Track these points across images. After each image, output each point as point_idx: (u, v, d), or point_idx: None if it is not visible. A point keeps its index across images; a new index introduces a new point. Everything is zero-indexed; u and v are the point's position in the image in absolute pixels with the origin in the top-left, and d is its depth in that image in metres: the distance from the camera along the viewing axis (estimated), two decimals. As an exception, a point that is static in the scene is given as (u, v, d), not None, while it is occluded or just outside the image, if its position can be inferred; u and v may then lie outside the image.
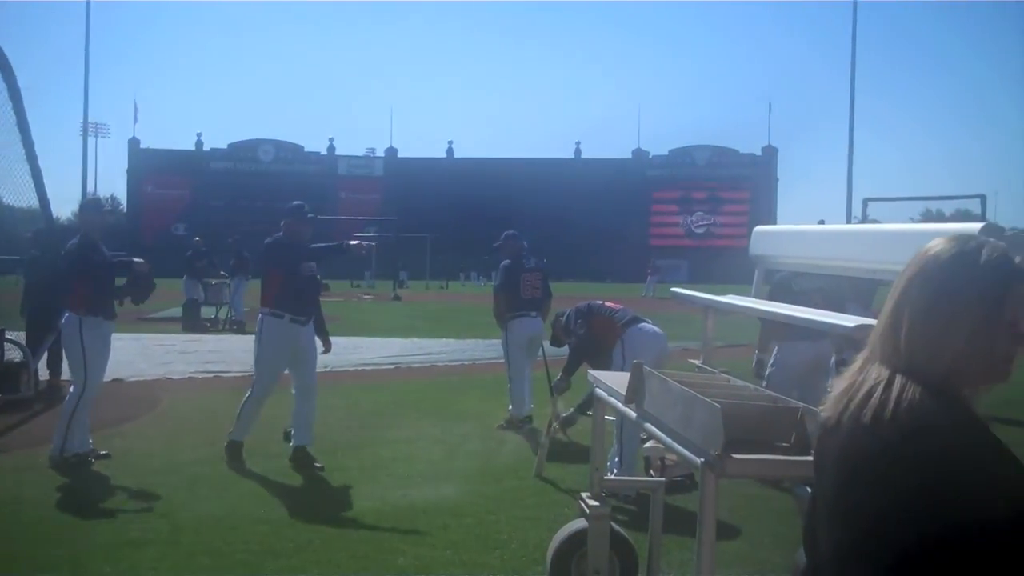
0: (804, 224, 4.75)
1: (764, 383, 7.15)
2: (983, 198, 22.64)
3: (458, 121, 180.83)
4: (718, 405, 2.89)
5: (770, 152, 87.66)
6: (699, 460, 2.99)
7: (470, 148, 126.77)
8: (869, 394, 1.77)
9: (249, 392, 8.41)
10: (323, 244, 8.84)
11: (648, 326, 7.81)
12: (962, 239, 1.85)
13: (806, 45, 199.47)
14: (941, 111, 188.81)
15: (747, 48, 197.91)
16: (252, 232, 51.58)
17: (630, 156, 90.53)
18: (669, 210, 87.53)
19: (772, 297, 6.47)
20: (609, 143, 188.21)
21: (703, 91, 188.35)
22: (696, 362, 4.87)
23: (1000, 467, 1.67)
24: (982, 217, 25.24)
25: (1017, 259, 1.83)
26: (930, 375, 1.75)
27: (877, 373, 1.80)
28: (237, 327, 21.89)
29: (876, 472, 1.72)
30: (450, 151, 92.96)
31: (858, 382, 1.83)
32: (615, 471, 7.28)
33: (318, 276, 8.75)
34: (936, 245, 1.85)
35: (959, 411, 1.72)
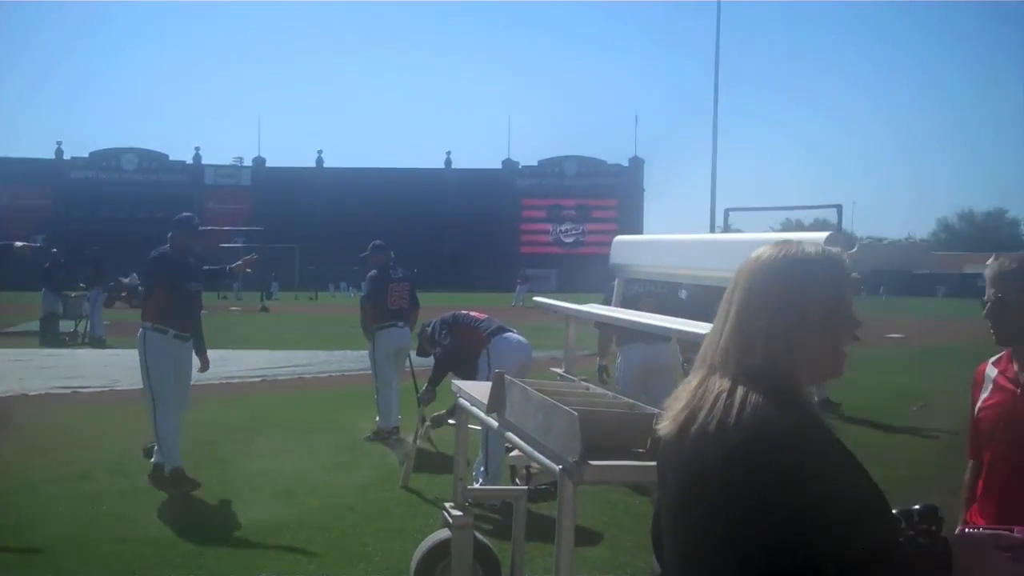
0: (669, 233, 4.83)
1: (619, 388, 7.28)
2: (839, 208, 23.44)
3: (328, 130, 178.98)
4: (575, 413, 2.92)
5: (637, 163, 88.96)
6: (558, 467, 3.01)
7: (340, 158, 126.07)
8: (713, 404, 1.79)
9: (154, 417, 7.91)
10: (212, 267, 8.61)
11: (513, 335, 7.88)
12: (783, 244, 1.91)
13: (671, 57, 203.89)
14: (803, 123, 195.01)
15: (614, 60, 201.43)
16: (114, 243, 50.51)
17: (500, 166, 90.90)
18: (539, 219, 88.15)
19: (606, 303, 6.64)
20: (479, 153, 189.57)
21: (572, 103, 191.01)
22: (558, 371, 4.91)
23: (840, 467, 1.72)
24: (839, 226, 26.25)
25: (836, 252, 1.90)
26: (776, 379, 1.79)
27: (719, 384, 1.82)
28: (96, 342, 21.24)
29: (721, 479, 1.74)
30: (320, 160, 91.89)
31: (699, 395, 1.85)
32: (481, 480, 7.31)
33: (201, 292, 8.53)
34: (764, 252, 1.90)
35: (801, 413, 1.76)
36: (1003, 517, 3.11)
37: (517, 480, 7.10)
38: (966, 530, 2.06)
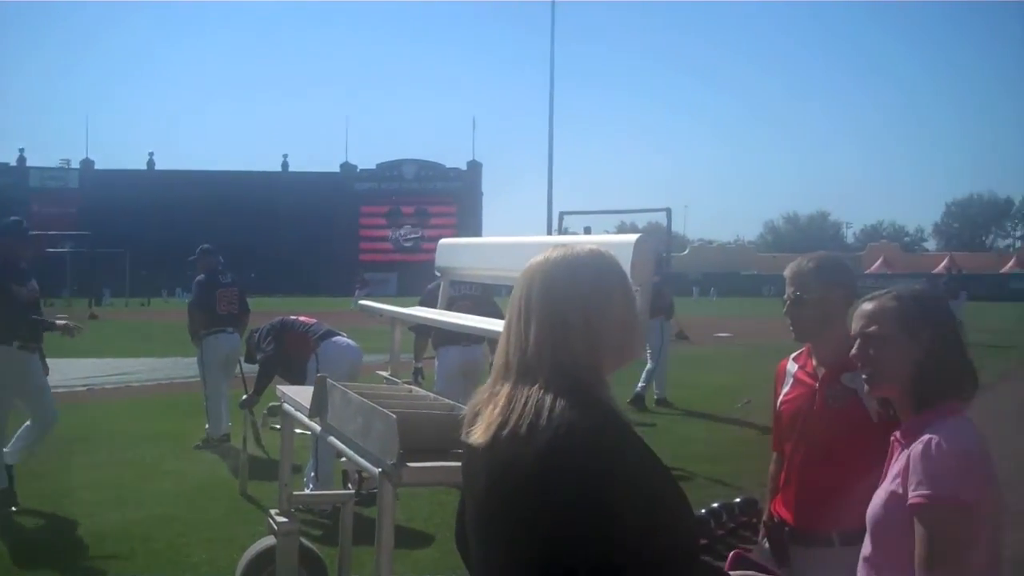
0: (507, 236, 4.88)
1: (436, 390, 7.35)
2: (668, 211, 24.15)
3: (159, 131, 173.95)
4: (393, 415, 2.93)
5: (475, 166, 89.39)
6: (377, 470, 3.01)
7: (172, 159, 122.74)
8: (524, 407, 1.80)
9: None
10: (37, 318, 7.99)
11: (342, 339, 7.85)
12: (563, 245, 1.98)
13: (507, 61, 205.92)
14: (639, 127, 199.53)
15: (451, 63, 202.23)
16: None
17: (338, 169, 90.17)
18: (378, 224, 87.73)
19: (424, 304, 6.69)
20: (317, 156, 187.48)
21: (410, 106, 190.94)
22: (384, 373, 4.91)
23: (643, 469, 1.77)
24: (668, 228, 26.96)
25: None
26: (587, 375, 1.83)
27: (531, 388, 1.83)
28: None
29: (529, 480, 1.76)
30: (151, 162, 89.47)
31: (512, 400, 1.84)
32: (311, 486, 7.25)
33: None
34: (551, 254, 1.95)
35: (607, 413, 1.80)
36: (801, 506, 3.27)
37: (349, 485, 7.07)
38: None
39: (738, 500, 6.97)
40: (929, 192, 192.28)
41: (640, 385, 13.21)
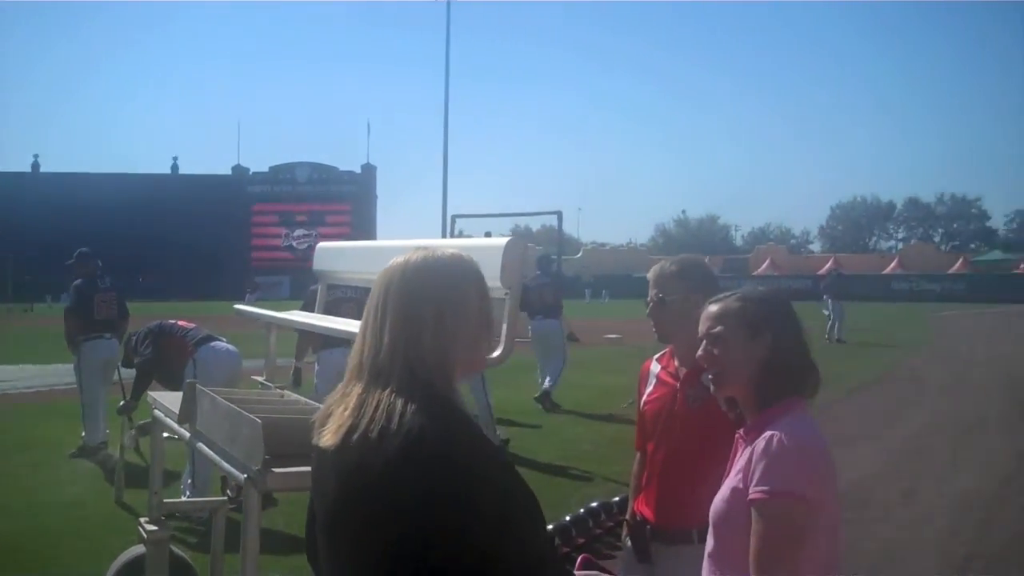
0: (401, 240, 4.89)
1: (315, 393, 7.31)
2: (560, 214, 24.59)
3: (44, 133, 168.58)
4: (259, 420, 2.90)
5: (369, 170, 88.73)
6: (243, 476, 2.98)
7: (58, 162, 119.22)
8: (375, 411, 1.81)
9: None
10: None
11: (221, 344, 7.73)
12: (424, 248, 2.01)
13: (402, 65, 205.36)
14: (534, 131, 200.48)
15: (346, 66, 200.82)
16: None
17: (230, 172, 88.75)
18: (271, 226, 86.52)
19: (306, 308, 6.67)
20: (208, 158, 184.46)
21: (303, 108, 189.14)
22: (259, 378, 4.87)
23: (491, 463, 1.80)
24: (560, 231, 27.31)
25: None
26: (438, 378, 1.85)
27: (379, 393, 1.84)
28: None
29: (380, 485, 1.77)
30: (36, 165, 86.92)
31: (364, 403, 1.86)
32: (188, 493, 7.14)
33: None
34: (411, 256, 1.98)
35: (458, 418, 1.83)
36: (662, 504, 3.33)
37: (229, 491, 7.00)
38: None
39: (616, 499, 7.05)
40: (814, 195, 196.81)
41: (549, 382, 13.38)
